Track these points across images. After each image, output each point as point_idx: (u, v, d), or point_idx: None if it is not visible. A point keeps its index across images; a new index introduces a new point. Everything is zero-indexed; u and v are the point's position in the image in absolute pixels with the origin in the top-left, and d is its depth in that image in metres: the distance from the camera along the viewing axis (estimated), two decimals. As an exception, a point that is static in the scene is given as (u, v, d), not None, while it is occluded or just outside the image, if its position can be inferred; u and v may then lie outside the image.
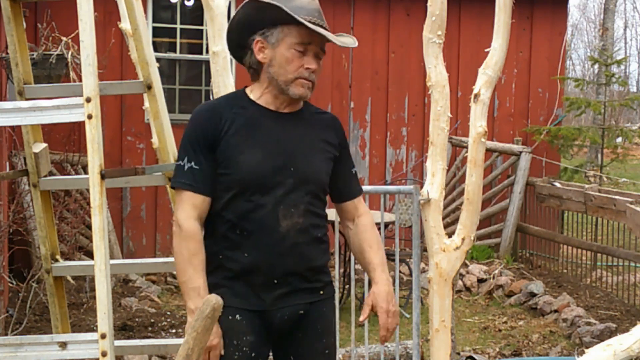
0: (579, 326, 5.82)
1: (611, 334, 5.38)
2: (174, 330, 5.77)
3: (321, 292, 2.55)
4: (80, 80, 3.03)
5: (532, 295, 6.74)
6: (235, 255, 2.41)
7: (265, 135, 2.44)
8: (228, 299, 2.33)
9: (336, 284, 4.93)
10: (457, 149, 8.38)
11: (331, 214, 5.33)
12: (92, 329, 5.37)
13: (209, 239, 2.45)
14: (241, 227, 2.40)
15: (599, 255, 7.57)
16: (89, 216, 6.27)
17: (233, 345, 2.40)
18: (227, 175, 2.40)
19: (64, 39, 4.92)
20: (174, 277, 7.14)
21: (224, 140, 2.39)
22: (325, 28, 2.44)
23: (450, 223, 7.76)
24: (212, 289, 2.37)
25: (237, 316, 2.41)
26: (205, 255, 2.43)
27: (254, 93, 2.50)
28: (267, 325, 2.46)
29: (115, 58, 7.40)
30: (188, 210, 2.39)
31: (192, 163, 2.38)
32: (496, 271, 7.34)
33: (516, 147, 8.26)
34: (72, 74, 4.84)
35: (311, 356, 2.55)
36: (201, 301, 2.21)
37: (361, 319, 2.48)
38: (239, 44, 2.51)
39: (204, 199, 2.40)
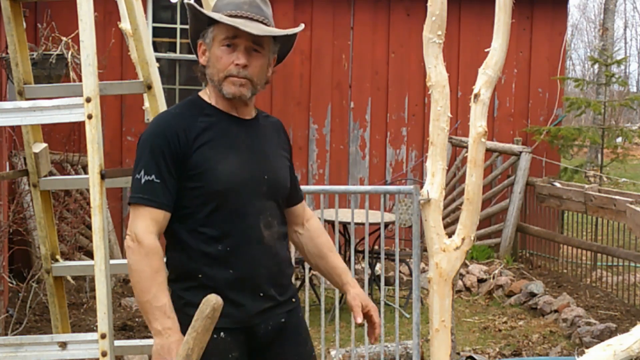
0: (579, 326, 5.81)
1: (611, 334, 5.38)
2: (174, 330, 5.76)
3: (293, 300, 2.49)
4: (80, 80, 3.03)
5: (532, 295, 6.74)
6: (218, 272, 2.29)
7: (238, 143, 2.36)
8: None
9: (336, 284, 4.93)
10: (457, 149, 8.38)
11: (331, 213, 5.35)
12: (92, 329, 5.37)
13: (181, 256, 2.32)
14: (225, 242, 2.29)
15: (599, 255, 7.57)
16: (89, 216, 6.26)
17: None
18: (202, 188, 2.28)
19: (64, 39, 4.92)
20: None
21: (197, 152, 2.27)
22: (259, 20, 2.34)
23: (450, 223, 7.75)
24: (192, 308, 2.07)
25: (222, 334, 2.29)
26: (179, 273, 2.32)
27: (210, 98, 2.40)
28: (250, 339, 2.38)
29: (115, 58, 7.41)
30: (148, 224, 2.23)
31: (153, 176, 2.24)
32: (496, 271, 7.34)
33: (516, 147, 8.25)
34: (72, 74, 4.84)
35: None
36: (169, 321, 2.17)
37: (359, 321, 2.45)
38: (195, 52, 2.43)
39: (165, 215, 2.26)
